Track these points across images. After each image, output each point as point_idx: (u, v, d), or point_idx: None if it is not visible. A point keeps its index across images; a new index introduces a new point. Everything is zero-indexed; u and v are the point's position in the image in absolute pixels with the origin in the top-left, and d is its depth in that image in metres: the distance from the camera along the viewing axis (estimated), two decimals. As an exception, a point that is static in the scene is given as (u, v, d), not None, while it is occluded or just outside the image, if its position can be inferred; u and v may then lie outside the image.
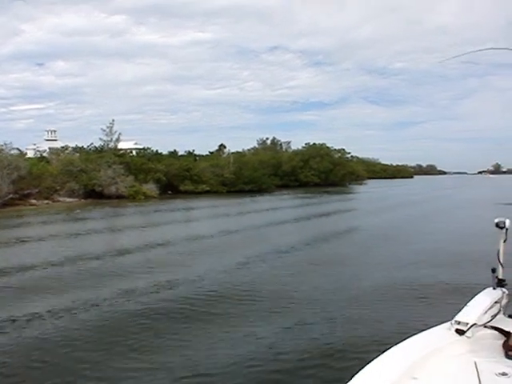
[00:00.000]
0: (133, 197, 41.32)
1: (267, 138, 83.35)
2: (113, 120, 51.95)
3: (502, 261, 3.41)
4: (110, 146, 50.96)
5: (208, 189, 49.68)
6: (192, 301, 8.86)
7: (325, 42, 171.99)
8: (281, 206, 33.44)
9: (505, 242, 3.41)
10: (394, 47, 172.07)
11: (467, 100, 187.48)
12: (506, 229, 3.38)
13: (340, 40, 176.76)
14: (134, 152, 57.10)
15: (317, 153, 68.10)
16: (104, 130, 51.10)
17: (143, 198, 41.53)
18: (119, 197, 40.66)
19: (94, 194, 40.89)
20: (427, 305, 8.37)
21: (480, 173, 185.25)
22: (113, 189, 41.48)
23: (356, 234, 19.28)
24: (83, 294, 9.40)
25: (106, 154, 47.03)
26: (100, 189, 41.35)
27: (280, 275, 11.24)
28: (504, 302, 3.28)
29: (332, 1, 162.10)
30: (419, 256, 13.29)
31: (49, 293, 9.68)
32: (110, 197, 40.36)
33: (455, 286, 9.37)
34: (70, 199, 38.88)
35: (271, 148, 79.43)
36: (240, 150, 73.15)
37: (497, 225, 3.39)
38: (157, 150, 57.21)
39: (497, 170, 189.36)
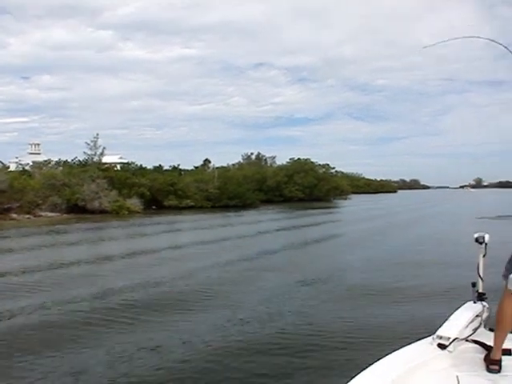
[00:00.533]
0: (116, 212, 40.84)
1: (252, 153, 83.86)
2: (97, 134, 51.45)
3: (481, 275, 3.45)
4: (94, 160, 50.56)
5: (192, 204, 49.41)
6: (149, 301, 9.72)
7: (309, 59, 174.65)
8: (264, 220, 33.58)
9: (484, 256, 3.45)
10: (375, 65, 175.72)
11: (447, 116, 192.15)
12: (486, 244, 3.42)
13: (323, 57, 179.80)
14: (119, 166, 56.73)
15: (301, 168, 68.45)
16: (88, 144, 50.70)
17: (127, 213, 41.07)
18: (102, 212, 40.15)
19: (77, 209, 40.34)
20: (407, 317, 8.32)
21: (462, 187, 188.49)
22: (96, 203, 40.98)
23: (333, 249, 19.32)
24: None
25: (90, 168, 46.57)
26: (83, 203, 40.81)
27: (248, 278, 12.10)
28: (485, 315, 3.32)
29: (316, 19, 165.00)
30: (399, 274, 13.35)
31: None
32: (93, 212, 39.85)
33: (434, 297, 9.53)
34: (52, 214, 38.35)
35: (256, 163, 79.72)
36: (225, 164, 73.39)
37: (476, 240, 3.43)
38: (141, 165, 57.01)
39: (478, 184, 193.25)
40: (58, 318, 8.56)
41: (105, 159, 52.76)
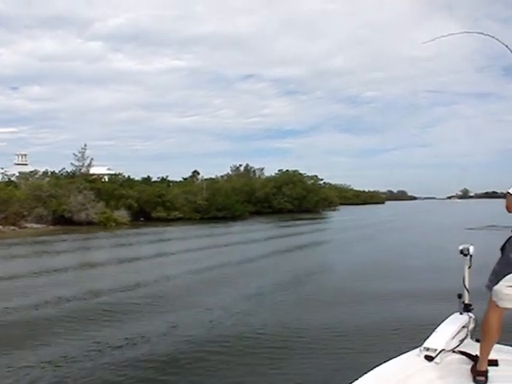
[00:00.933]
0: (103, 223, 40.49)
1: (240, 165, 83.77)
2: (85, 145, 51.40)
3: (467, 286, 3.48)
4: (82, 171, 50.27)
5: (181, 216, 49.17)
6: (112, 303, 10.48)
7: (298, 71, 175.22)
8: (251, 230, 33.40)
9: (469, 268, 3.48)
10: (364, 77, 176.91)
11: (435, 128, 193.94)
12: (470, 255, 3.45)
13: (312, 69, 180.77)
14: (106, 178, 56.38)
15: (290, 179, 68.60)
16: (76, 155, 50.49)
17: (114, 224, 40.73)
18: (89, 223, 39.82)
19: (63, 221, 39.97)
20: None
21: (449, 198, 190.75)
22: (83, 215, 40.64)
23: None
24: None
25: (77, 180, 46.25)
26: (69, 215, 40.46)
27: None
28: (471, 326, 3.33)
29: (304, 32, 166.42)
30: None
31: None
32: (79, 223, 39.50)
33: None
34: (38, 225, 37.93)
35: (244, 175, 79.68)
36: (214, 176, 73.21)
37: (461, 252, 3.46)
38: (129, 176, 56.70)
39: (465, 195, 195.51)
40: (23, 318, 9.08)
41: (93, 170, 52.50)
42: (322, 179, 78.17)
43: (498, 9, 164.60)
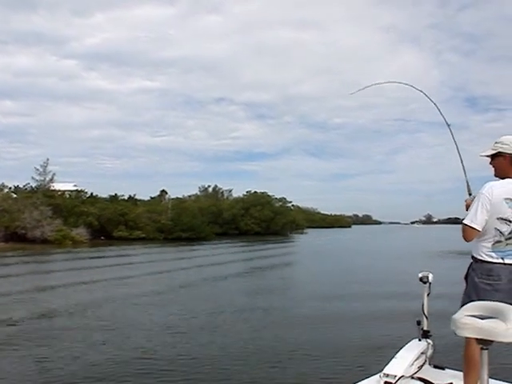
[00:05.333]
0: (59, 242, 38.47)
1: (209, 186, 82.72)
2: (47, 159, 50.08)
3: (426, 313, 3.56)
4: (45, 186, 48.47)
5: (144, 235, 47.45)
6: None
7: (268, 96, 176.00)
8: (214, 253, 32.16)
9: (428, 295, 3.55)
10: (332, 103, 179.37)
11: (400, 155, 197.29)
12: (429, 283, 3.53)
13: (282, 95, 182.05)
14: (68, 194, 54.30)
15: (258, 201, 67.74)
16: (37, 170, 48.65)
17: (71, 243, 38.79)
18: (44, 241, 37.67)
19: (16, 238, 37.78)
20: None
21: (413, 223, 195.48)
22: (38, 232, 38.51)
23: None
24: None
25: (35, 195, 44.22)
26: (23, 232, 38.32)
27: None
28: (429, 352, 3.43)
29: (275, 58, 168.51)
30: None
31: None
32: (33, 241, 37.36)
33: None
34: (-13, 242, 35.69)
35: (212, 195, 78.64)
36: (181, 196, 71.80)
37: (420, 279, 3.55)
38: (92, 193, 54.68)
39: (428, 220, 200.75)
40: None
41: (59, 186, 50.74)
42: (290, 202, 77.90)
43: (459, 42, 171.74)
